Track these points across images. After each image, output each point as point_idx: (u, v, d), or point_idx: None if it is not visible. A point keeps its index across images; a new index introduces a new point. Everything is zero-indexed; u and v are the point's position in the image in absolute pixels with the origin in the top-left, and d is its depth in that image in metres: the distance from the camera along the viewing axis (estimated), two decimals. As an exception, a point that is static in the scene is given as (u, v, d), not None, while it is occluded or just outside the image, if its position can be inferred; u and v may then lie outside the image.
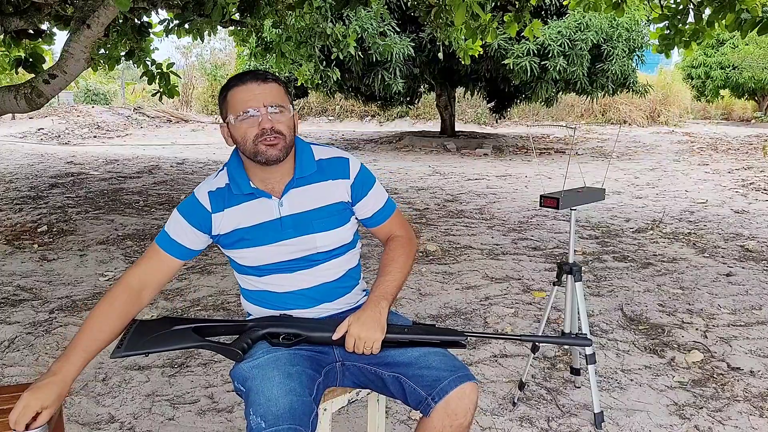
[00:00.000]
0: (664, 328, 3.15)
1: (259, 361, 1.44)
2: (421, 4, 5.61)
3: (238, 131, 1.46)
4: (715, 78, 20.08)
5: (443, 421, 1.41)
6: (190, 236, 1.54)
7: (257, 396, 1.34)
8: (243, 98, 1.44)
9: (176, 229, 1.54)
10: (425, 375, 1.44)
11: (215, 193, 1.54)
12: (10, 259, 4.28)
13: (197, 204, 1.54)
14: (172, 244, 1.54)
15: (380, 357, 1.49)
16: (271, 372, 1.39)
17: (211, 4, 4.72)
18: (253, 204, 1.53)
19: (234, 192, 1.53)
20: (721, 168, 9.54)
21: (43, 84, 4.32)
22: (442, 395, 1.40)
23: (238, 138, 1.47)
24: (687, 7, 4.98)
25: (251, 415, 1.32)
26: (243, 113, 1.44)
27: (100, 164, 9.35)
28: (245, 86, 1.45)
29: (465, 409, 1.41)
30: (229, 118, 1.47)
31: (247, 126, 1.45)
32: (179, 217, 1.55)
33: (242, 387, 1.42)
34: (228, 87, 1.48)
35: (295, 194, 1.54)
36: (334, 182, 1.57)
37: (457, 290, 3.71)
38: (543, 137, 14.65)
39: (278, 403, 1.31)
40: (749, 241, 4.92)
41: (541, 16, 11.15)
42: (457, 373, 1.43)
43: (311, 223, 1.53)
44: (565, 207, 2.20)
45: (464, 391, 1.41)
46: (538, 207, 4.35)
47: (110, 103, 21.10)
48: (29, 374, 2.60)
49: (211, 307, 3.41)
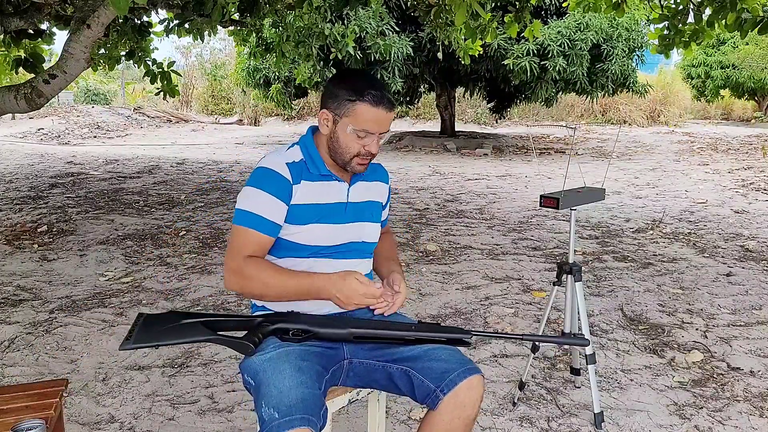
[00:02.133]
0: (664, 328, 3.15)
1: (270, 355, 1.45)
2: (420, 4, 5.60)
3: (346, 139, 1.55)
4: (715, 78, 20.07)
5: (452, 412, 1.44)
6: (275, 209, 1.54)
7: (268, 388, 1.36)
8: (369, 118, 1.53)
9: (261, 205, 1.53)
10: (434, 367, 1.48)
11: (294, 165, 1.57)
12: (10, 259, 4.28)
13: (276, 175, 1.55)
14: (262, 222, 1.53)
15: (389, 353, 1.54)
16: (282, 365, 1.41)
17: (211, 4, 4.72)
18: (326, 184, 1.61)
19: (310, 170, 1.59)
20: (721, 168, 9.54)
21: (43, 84, 4.32)
22: (452, 387, 1.44)
23: (342, 142, 1.56)
24: (687, 7, 4.98)
25: (263, 407, 1.33)
26: (361, 131, 1.53)
27: (100, 164, 9.35)
28: (377, 110, 1.52)
29: (473, 400, 1.46)
30: (346, 126, 1.54)
31: (355, 141, 1.55)
32: (260, 192, 1.54)
33: (252, 380, 1.44)
34: (361, 96, 1.51)
35: (361, 186, 1.67)
36: (381, 184, 1.76)
37: (457, 290, 3.72)
38: (543, 137, 14.65)
39: (290, 395, 1.33)
40: (749, 241, 4.92)
41: (541, 16, 11.15)
42: (466, 366, 1.48)
43: (366, 212, 1.65)
44: (565, 207, 2.20)
45: (472, 383, 1.45)
46: (538, 207, 4.35)
47: (110, 103, 21.10)
48: (29, 374, 2.60)
49: (211, 307, 3.41)
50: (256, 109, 19.63)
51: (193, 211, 5.89)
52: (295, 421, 1.28)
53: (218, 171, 8.87)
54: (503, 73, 10.77)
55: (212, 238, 4.90)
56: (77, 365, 2.70)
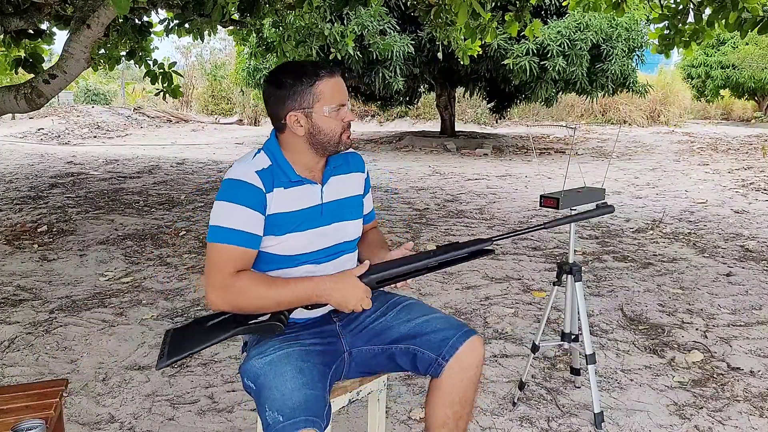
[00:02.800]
0: (664, 328, 3.15)
1: (271, 358, 1.45)
2: (420, 4, 5.60)
3: (327, 123, 1.49)
4: (715, 78, 20.06)
5: (456, 375, 1.49)
6: (253, 221, 1.47)
7: (270, 392, 1.36)
8: (336, 90, 1.49)
9: (237, 219, 1.45)
10: (432, 339, 1.51)
11: (263, 173, 1.49)
12: (10, 259, 4.28)
13: (248, 186, 1.46)
14: (242, 236, 1.45)
15: (387, 336, 1.56)
16: (283, 368, 1.41)
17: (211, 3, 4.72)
18: (298, 190, 1.54)
19: (280, 177, 1.52)
20: (721, 168, 9.54)
21: (43, 84, 4.32)
22: (453, 352, 1.49)
23: (325, 129, 1.49)
24: (687, 7, 4.98)
25: (267, 411, 1.33)
26: (335, 106, 1.49)
27: (100, 164, 9.35)
28: (336, 79, 1.49)
29: (476, 361, 1.51)
30: (320, 110, 1.48)
31: (335, 118, 1.50)
32: (233, 206, 1.45)
33: (253, 384, 1.43)
34: (317, 75, 1.47)
35: (334, 182, 1.60)
36: (356, 174, 1.67)
37: (457, 290, 3.71)
38: (543, 137, 14.65)
39: (293, 397, 1.33)
40: (749, 241, 4.92)
41: (541, 16, 11.15)
42: (462, 329, 1.52)
43: (344, 210, 1.60)
44: (565, 207, 2.20)
45: (473, 344, 1.50)
46: (538, 207, 4.34)
47: (110, 103, 21.09)
48: (29, 374, 2.60)
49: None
50: (256, 109, 19.62)
51: (193, 211, 5.89)
52: (300, 423, 1.28)
53: (218, 171, 8.87)
54: (503, 73, 10.77)
55: (212, 238, 4.90)
56: (77, 365, 2.70)
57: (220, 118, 20.05)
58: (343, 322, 1.61)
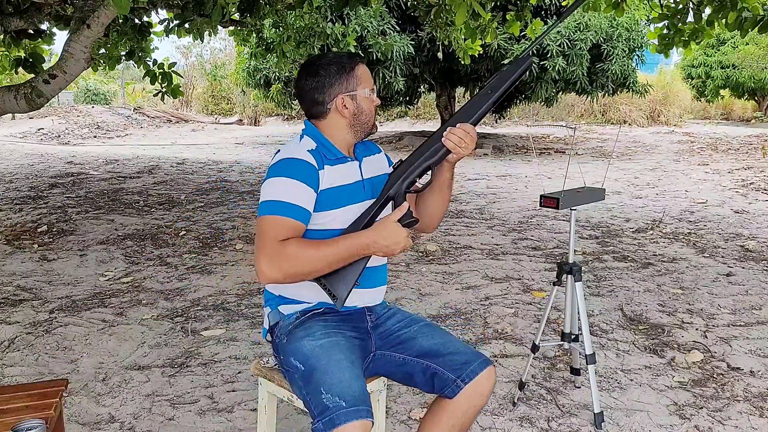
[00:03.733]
0: (664, 328, 3.15)
1: (322, 343, 1.48)
2: (420, 4, 5.60)
3: (368, 104, 1.60)
4: (715, 78, 20.05)
5: (469, 401, 1.52)
6: (306, 196, 1.50)
7: (326, 375, 1.39)
8: (368, 75, 1.61)
9: (290, 193, 1.48)
10: (455, 360, 1.54)
11: (314, 152, 1.56)
12: (10, 259, 4.28)
13: (303, 163, 1.51)
14: (293, 208, 1.48)
15: (410, 346, 1.59)
16: (336, 354, 1.45)
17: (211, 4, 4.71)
18: (344, 166, 1.61)
19: (327, 156, 1.58)
20: (721, 168, 9.54)
21: (43, 84, 4.32)
22: (472, 377, 1.52)
23: (366, 110, 1.60)
24: (687, 6, 4.98)
25: (323, 394, 1.36)
26: (371, 89, 1.60)
27: (100, 164, 9.35)
28: (366, 67, 1.61)
29: (489, 390, 1.54)
30: (363, 92, 1.58)
31: (371, 101, 1.61)
32: (288, 180, 1.49)
33: (302, 365, 1.46)
34: (353, 61, 1.59)
35: (367, 161, 1.68)
36: (379, 156, 1.75)
37: (457, 290, 3.71)
38: (543, 137, 14.64)
39: (352, 386, 1.37)
40: (749, 241, 4.92)
41: (541, 15, 11.14)
42: (481, 357, 1.56)
43: (379, 187, 1.63)
44: (565, 207, 2.20)
45: (490, 374, 1.54)
46: (538, 207, 4.35)
47: (110, 103, 21.09)
48: (29, 374, 2.60)
49: (211, 307, 3.41)
50: (256, 109, 19.63)
51: (193, 211, 5.89)
52: (363, 413, 1.33)
53: (218, 171, 8.87)
54: (503, 73, 10.75)
55: (212, 238, 4.90)
56: (77, 365, 2.70)
57: (220, 118, 20.05)
58: (374, 323, 1.66)
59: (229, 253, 4.45)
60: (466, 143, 1.51)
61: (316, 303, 1.60)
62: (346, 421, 1.31)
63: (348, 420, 1.31)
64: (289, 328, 1.58)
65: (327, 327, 1.55)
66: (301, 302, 1.61)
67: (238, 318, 3.25)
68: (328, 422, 1.32)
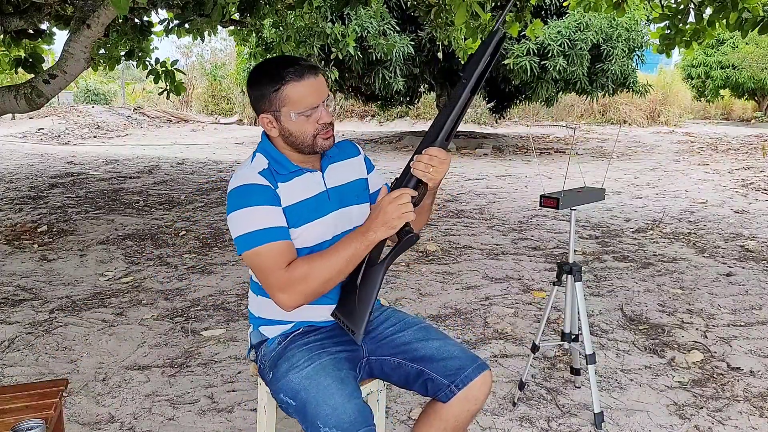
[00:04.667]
0: (664, 328, 3.15)
1: (306, 371, 1.44)
2: (420, 4, 5.60)
3: (296, 126, 1.46)
4: (715, 78, 20.05)
5: (463, 406, 1.50)
6: (275, 216, 1.45)
7: (318, 407, 1.35)
8: (303, 94, 1.44)
9: (260, 219, 1.43)
10: (449, 365, 1.52)
11: (264, 173, 1.49)
12: (10, 259, 4.28)
13: (257, 187, 1.46)
14: (273, 232, 1.43)
15: (404, 350, 1.56)
16: (323, 380, 1.40)
17: (211, 4, 4.72)
18: (300, 179, 1.53)
19: (280, 171, 1.51)
20: (721, 168, 9.54)
21: (43, 84, 4.32)
22: (466, 382, 1.49)
23: (295, 132, 1.47)
24: (687, 6, 4.98)
25: (321, 428, 1.33)
26: (305, 110, 1.45)
27: (100, 164, 9.35)
28: (304, 82, 1.44)
29: (484, 395, 1.52)
30: (288, 114, 1.45)
31: (306, 122, 1.46)
32: (251, 210, 1.44)
33: (293, 401, 1.42)
34: (282, 79, 1.43)
35: (333, 169, 1.59)
36: (354, 159, 1.66)
37: (457, 290, 3.71)
38: (543, 137, 14.64)
39: (346, 410, 1.34)
40: (749, 241, 4.92)
41: (541, 15, 11.15)
42: (477, 362, 1.53)
43: (349, 196, 1.59)
44: (565, 207, 2.20)
45: (485, 379, 1.52)
46: (538, 207, 4.35)
47: (110, 103, 21.08)
48: (29, 374, 2.60)
49: (211, 307, 3.41)
50: (256, 109, 19.58)
51: (193, 211, 5.89)
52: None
53: (218, 171, 8.87)
54: (503, 73, 10.77)
55: (212, 238, 4.90)
56: (77, 365, 2.70)
57: (220, 118, 20.05)
58: None
59: (229, 253, 4.45)
60: (435, 167, 1.43)
61: (294, 324, 1.56)
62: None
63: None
64: (272, 356, 1.54)
65: (310, 351, 1.50)
66: (280, 323, 1.57)
67: (238, 318, 3.25)
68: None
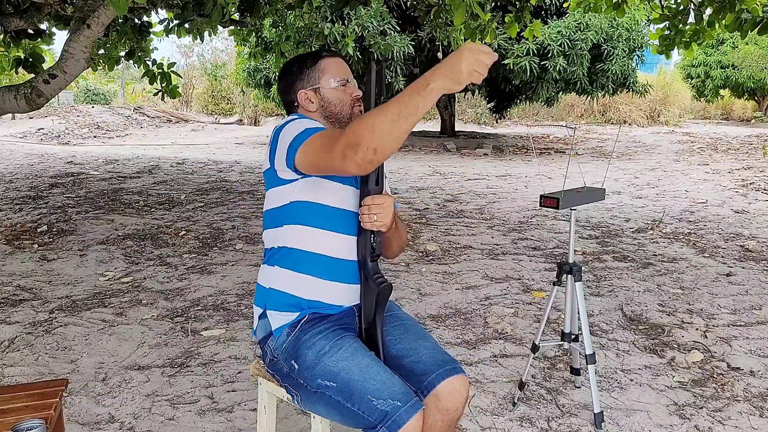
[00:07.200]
0: (664, 328, 3.15)
1: (341, 354, 1.42)
2: (420, 4, 5.61)
3: (336, 95, 1.59)
4: (715, 78, 20.06)
5: (434, 416, 1.43)
6: None
7: (366, 383, 1.36)
8: (338, 67, 1.61)
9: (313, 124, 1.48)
10: (414, 369, 1.46)
11: None
12: (10, 259, 4.28)
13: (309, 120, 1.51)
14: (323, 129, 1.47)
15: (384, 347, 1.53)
16: (362, 359, 1.41)
17: (211, 4, 4.72)
18: None
19: None
20: (721, 168, 9.54)
21: (43, 84, 4.32)
22: (430, 389, 1.43)
23: (335, 101, 1.59)
24: (687, 7, 4.98)
25: (374, 401, 1.33)
26: (341, 79, 1.59)
27: (100, 164, 9.35)
28: (338, 59, 1.63)
29: (456, 404, 1.43)
30: (327, 82, 1.58)
31: (344, 91, 1.59)
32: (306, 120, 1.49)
33: (332, 382, 1.39)
34: (319, 55, 1.62)
35: None
36: None
37: (457, 290, 3.71)
38: (543, 137, 14.65)
39: (394, 383, 1.36)
40: (749, 241, 4.92)
41: (541, 16, 11.15)
42: (445, 367, 1.45)
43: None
44: (565, 207, 2.20)
45: (454, 386, 1.43)
46: (538, 207, 4.35)
47: (110, 103, 21.09)
48: (29, 374, 2.60)
49: (211, 307, 3.41)
50: (256, 109, 19.63)
51: (193, 211, 5.89)
52: (418, 404, 1.34)
53: (218, 171, 8.87)
54: (503, 73, 10.77)
55: (212, 238, 4.90)
56: (77, 365, 2.70)
57: (220, 118, 20.06)
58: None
59: (229, 253, 4.45)
60: (378, 213, 1.43)
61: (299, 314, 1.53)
62: (408, 418, 1.31)
63: (410, 416, 1.31)
64: (285, 348, 1.51)
65: (333, 336, 1.47)
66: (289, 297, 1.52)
67: (238, 318, 3.25)
68: (393, 424, 1.31)
